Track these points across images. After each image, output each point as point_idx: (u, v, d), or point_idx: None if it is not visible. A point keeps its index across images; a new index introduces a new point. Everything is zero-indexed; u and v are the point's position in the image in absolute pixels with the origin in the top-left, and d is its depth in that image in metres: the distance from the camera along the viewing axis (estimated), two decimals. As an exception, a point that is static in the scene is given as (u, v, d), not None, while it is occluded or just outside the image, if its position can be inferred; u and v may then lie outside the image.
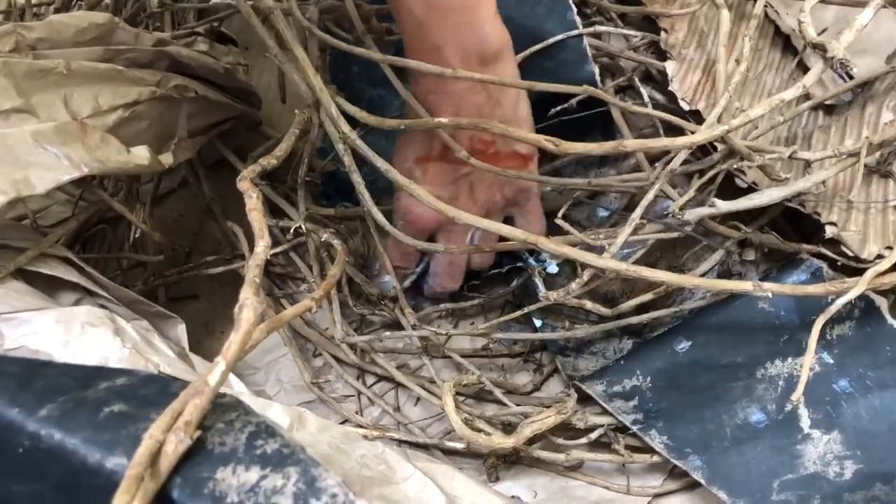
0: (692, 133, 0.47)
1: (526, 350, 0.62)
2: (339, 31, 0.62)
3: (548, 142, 0.48)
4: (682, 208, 0.47)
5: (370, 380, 0.64)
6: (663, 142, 0.45)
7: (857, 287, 0.44)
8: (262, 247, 0.39)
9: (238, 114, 0.67)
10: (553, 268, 0.60)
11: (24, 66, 0.48)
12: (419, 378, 0.62)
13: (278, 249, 0.66)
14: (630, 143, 0.45)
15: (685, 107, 0.57)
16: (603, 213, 0.64)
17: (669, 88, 0.57)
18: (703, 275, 0.57)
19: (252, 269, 0.37)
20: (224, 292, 0.72)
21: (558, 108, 0.59)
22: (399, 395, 0.63)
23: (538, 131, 0.57)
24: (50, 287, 0.51)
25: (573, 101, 0.59)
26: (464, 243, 0.58)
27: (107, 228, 0.69)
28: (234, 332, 0.32)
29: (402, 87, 0.52)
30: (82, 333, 0.46)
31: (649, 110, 0.47)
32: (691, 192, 0.48)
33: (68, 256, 0.51)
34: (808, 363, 0.44)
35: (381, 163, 0.49)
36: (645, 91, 0.61)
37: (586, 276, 0.45)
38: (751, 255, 0.54)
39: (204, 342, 0.70)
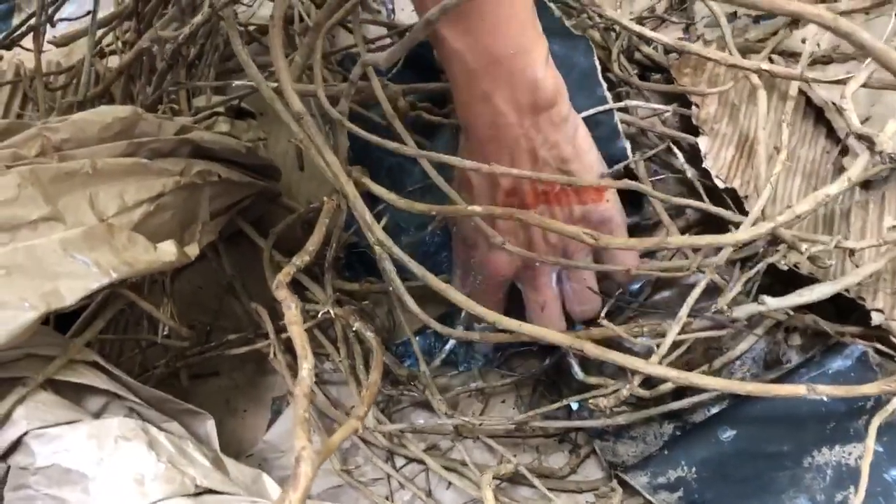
0: (735, 226, 0.46)
1: (562, 431, 0.60)
2: (362, 111, 0.61)
3: (587, 235, 0.47)
4: (729, 305, 0.46)
5: (400, 461, 0.63)
6: (707, 239, 0.44)
7: (913, 386, 0.43)
8: (307, 370, 0.38)
9: (259, 189, 0.66)
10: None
11: (52, 171, 0.46)
12: (451, 461, 0.60)
13: (308, 325, 0.64)
14: (674, 241, 0.44)
15: (720, 184, 0.56)
16: (633, 286, 0.63)
17: (703, 166, 0.56)
18: (741, 355, 0.56)
19: (301, 402, 0.35)
20: (245, 369, 0.71)
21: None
22: (430, 478, 0.62)
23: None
24: (77, 393, 0.49)
25: (619, 167, 0.58)
26: (550, 287, 0.56)
27: (125, 309, 0.68)
28: (292, 488, 0.31)
29: (441, 180, 0.51)
30: (116, 448, 0.45)
31: (691, 202, 0.46)
32: (738, 287, 0.47)
33: (96, 360, 0.50)
34: (867, 465, 0.43)
35: (415, 267, 0.48)
36: (679, 161, 0.60)
37: (637, 381, 0.44)
38: (797, 341, 0.53)
39: (226, 422, 0.68)
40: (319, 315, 0.57)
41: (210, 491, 0.46)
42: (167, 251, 0.51)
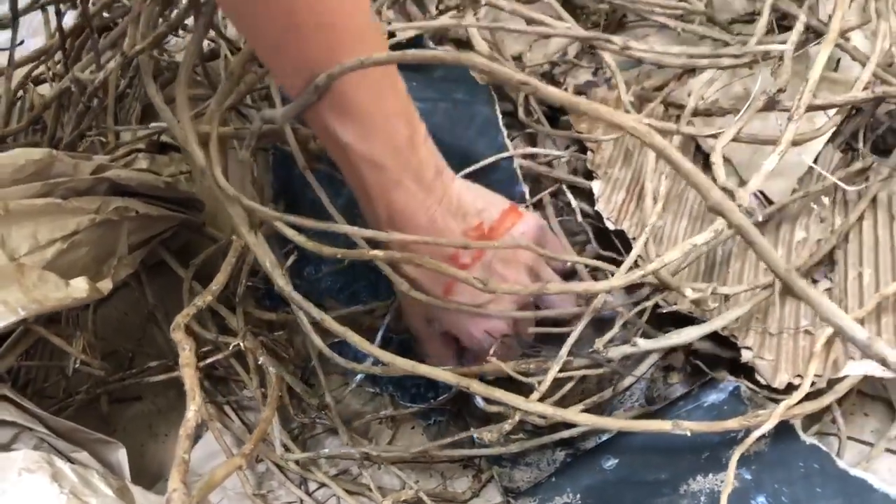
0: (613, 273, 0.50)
1: (465, 457, 0.63)
2: (284, 150, 0.64)
3: (476, 280, 0.50)
4: (605, 345, 0.49)
5: (313, 485, 0.65)
6: (583, 286, 0.48)
7: (769, 421, 0.47)
8: (193, 412, 0.40)
9: (180, 221, 0.68)
10: (489, 376, 0.62)
11: (-39, 214, 0.48)
12: (360, 486, 0.63)
13: (219, 356, 0.66)
14: (552, 287, 0.48)
15: (610, 227, 0.59)
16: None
17: (595, 208, 0.60)
18: (630, 386, 0.60)
19: (182, 443, 0.38)
20: (168, 395, 0.73)
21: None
22: (341, 503, 0.64)
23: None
24: (-15, 425, 0.51)
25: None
26: None
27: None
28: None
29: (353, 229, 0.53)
30: (19, 481, 0.47)
31: (579, 258, 0.50)
32: (616, 330, 0.50)
33: (5, 394, 0.52)
34: (726, 494, 0.47)
35: (315, 312, 0.51)
36: (575, 203, 0.64)
37: (517, 417, 0.47)
38: (675, 379, 0.57)
39: (148, 446, 0.70)
40: (231, 347, 0.59)
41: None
42: (78, 288, 0.53)
